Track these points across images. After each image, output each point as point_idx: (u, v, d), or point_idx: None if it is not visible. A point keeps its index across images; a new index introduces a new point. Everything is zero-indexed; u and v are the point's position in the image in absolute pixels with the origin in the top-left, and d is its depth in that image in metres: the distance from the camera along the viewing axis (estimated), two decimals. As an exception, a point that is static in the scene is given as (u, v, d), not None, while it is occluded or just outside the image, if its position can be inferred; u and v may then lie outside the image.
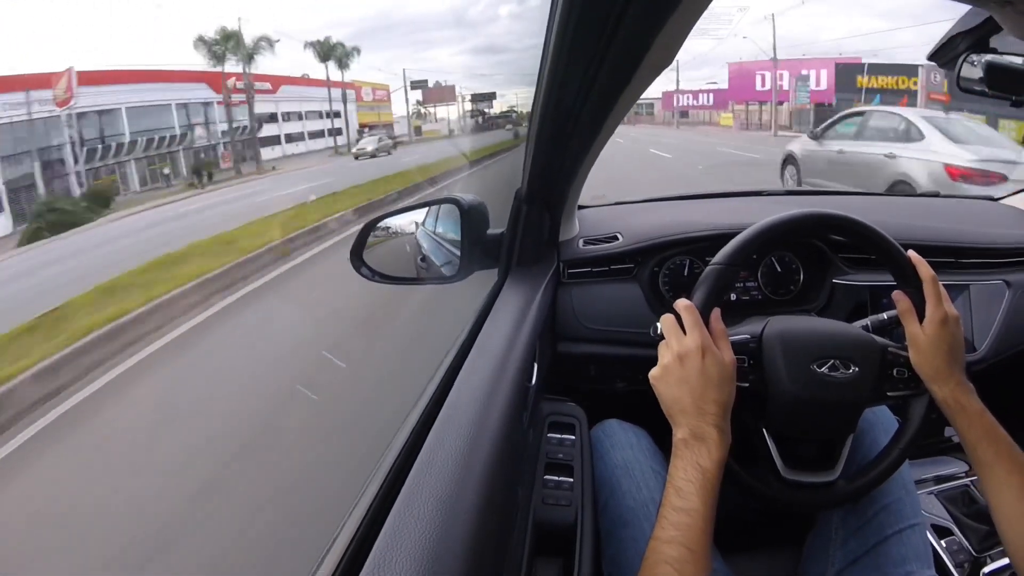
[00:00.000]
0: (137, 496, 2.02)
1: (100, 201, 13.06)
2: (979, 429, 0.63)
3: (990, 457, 0.61)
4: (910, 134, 4.72)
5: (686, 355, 0.61)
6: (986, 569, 0.87)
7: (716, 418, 0.59)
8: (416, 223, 1.13)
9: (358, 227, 0.94)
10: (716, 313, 0.65)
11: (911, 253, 0.70)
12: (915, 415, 0.70)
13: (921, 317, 0.68)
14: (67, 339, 3.64)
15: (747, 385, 0.68)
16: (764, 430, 0.70)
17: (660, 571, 0.51)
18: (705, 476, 0.56)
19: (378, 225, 0.97)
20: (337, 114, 23.15)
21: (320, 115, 23.10)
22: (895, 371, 0.69)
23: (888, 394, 0.69)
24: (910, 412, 0.70)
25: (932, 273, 0.69)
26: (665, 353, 0.64)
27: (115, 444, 2.56)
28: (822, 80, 21.50)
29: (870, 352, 0.69)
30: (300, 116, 22.52)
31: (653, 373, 0.64)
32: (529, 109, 0.76)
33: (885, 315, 0.76)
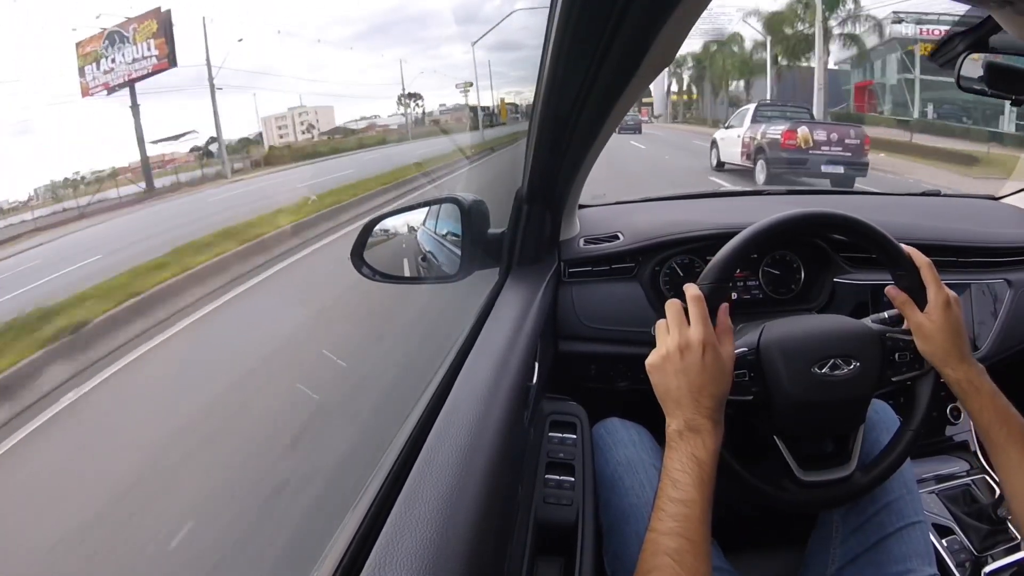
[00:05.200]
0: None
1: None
2: (992, 410, 0.63)
3: (1002, 438, 0.62)
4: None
5: (687, 348, 0.61)
6: (987, 568, 0.86)
7: (711, 411, 0.59)
8: (417, 222, 1.13)
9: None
10: (725, 308, 0.65)
11: (905, 246, 0.71)
12: (922, 395, 0.70)
13: (920, 304, 0.68)
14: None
15: (750, 398, 0.68)
16: (775, 437, 0.70)
17: (660, 562, 0.51)
18: (701, 467, 0.55)
19: (379, 224, 0.97)
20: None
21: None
22: (896, 356, 0.69)
23: (893, 379, 0.69)
24: (917, 392, 0.70)
25: (928, 259, 0.69)
26: (666, 341, 0.63)
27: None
28: None
29: (869, 343, 0.69)
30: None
31: (650, 360, 0.63)
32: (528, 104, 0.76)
33: (886, 314, 0.76)
